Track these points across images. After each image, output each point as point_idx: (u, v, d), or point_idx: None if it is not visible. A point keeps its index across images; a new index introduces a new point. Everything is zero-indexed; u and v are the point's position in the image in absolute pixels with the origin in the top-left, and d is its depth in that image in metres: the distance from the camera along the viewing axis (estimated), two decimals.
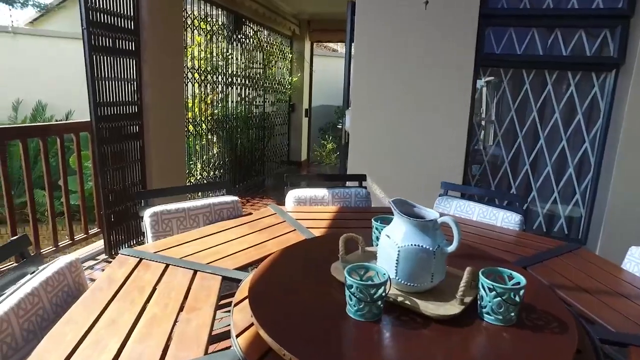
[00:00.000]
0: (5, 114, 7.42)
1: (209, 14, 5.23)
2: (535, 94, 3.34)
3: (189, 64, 4.85)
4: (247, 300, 1.28)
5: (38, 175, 5.19)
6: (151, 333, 1.13)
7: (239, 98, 6.09)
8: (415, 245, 1.20)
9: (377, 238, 1.60)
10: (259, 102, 6.74)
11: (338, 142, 10.68)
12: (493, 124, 3.55)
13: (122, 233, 3.77)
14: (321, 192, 2.38)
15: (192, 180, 5.05)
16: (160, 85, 4.00)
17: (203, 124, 5.21)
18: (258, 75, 6.66)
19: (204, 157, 5.34)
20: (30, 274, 1.31)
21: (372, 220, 1.61)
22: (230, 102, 5.83)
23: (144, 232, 1.89)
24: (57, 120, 7.71)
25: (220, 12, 5.54)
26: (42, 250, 3.27)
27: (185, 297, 1.34)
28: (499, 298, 1.11)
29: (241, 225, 1.97)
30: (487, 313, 1.14)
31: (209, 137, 5.40)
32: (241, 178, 6.25)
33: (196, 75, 5.00)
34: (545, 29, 3.22)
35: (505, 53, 3.29)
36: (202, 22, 5.07)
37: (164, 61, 4.06)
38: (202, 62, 5.11)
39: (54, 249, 3.40)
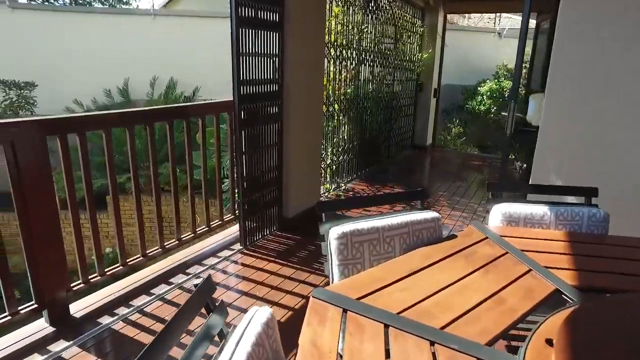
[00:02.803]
0: (144, 91, 7.87)
1: None
2: None
3: (325, 38, 4.39)
4: None
5: (165, 152, 5.33)
6: None
7: (370, 76, 5.53)
8: None
9: None
10: (389, 80, 6.12)
11: (464, 126, 9.66)
12: None
13: (255, 221, 3.52)
14: (540, 210, 1.73)
15: (323, 166, 4.67)
16: (302, 62, 3.59)
17: (335, 104, 4.77)
18: (389, 52, 6.01)
19: (335, 140, 4.92)
20: (218, 336, 0.92)
21: None
22: (361, 81, 5.30)
23: (325, 255, 1.45)
24: (185, 97, 7.97)
25: None
26: (182, 236, 3.13)
27: None
28: None
29: (452, 255, 1.43)
30: None
31: (340, 118, 4.95)
32: (367, 163, 5.76)
33: (332, 50, 4.53)
34: None
35: None
36: None
37: (307, 35, 3.64)
38: (338, 36, 4.62)
39: (192, 235, 3.26)
